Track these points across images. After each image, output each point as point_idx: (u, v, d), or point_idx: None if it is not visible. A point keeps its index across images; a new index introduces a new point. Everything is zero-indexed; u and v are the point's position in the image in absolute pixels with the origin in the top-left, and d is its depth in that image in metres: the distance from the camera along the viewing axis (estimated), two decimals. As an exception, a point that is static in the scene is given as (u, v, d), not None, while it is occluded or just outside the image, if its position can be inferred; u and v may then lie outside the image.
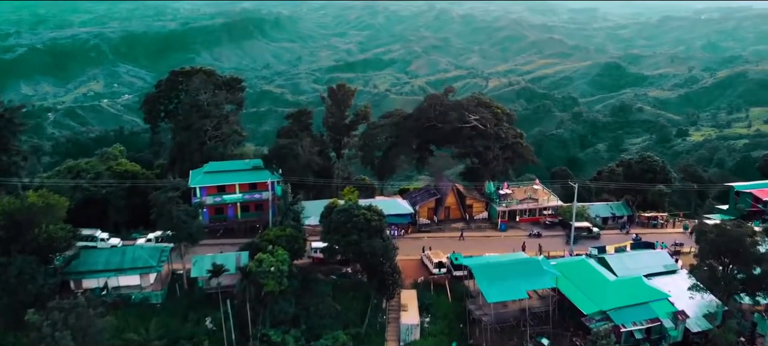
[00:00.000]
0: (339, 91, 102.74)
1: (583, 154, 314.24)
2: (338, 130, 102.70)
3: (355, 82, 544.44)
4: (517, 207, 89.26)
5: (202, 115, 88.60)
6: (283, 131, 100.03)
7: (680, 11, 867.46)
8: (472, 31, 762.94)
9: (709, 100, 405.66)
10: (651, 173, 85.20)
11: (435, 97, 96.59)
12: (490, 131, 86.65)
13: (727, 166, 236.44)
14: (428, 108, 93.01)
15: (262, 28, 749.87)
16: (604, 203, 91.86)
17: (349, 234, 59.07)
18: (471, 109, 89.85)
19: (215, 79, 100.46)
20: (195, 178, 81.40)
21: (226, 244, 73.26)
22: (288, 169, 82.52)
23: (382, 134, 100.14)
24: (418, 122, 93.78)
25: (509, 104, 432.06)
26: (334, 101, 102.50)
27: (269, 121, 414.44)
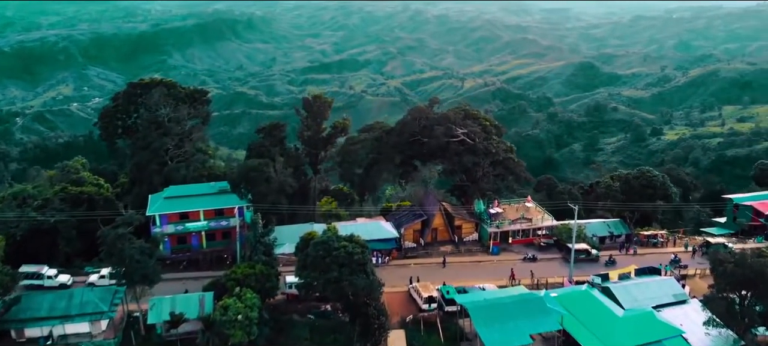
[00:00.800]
0: (315, 102, 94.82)
1: (559, 154, 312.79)
2: (315, 143, 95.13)
3: (330, 84, 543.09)
4: (510, 228, 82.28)
5: (162, 133, 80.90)
6: (254, 147, 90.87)
7: (652, 11, 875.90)
8: (447, 32, 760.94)
9: (682, 99, 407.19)
10: (651, 189, 77.90)
11: (419, 110, 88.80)
12: (479, 146, 79.38)
13: (702, 165, 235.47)
14: (412, 121, 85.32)
15: (235, 28, 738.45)
16: (601, 221, 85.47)
17: (328, 270, 51.46)
18: (458, 121, 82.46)
19: (177, 91, 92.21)
20: (154, 204, 73.19)
21: (190, 278, 65.40)
22: (258, 194, 73.92)
23: (363, 150, 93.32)
24: (401, 137, 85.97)
25: (485, 105, 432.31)
26: (310, 113, 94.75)
27: (243, 124, 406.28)
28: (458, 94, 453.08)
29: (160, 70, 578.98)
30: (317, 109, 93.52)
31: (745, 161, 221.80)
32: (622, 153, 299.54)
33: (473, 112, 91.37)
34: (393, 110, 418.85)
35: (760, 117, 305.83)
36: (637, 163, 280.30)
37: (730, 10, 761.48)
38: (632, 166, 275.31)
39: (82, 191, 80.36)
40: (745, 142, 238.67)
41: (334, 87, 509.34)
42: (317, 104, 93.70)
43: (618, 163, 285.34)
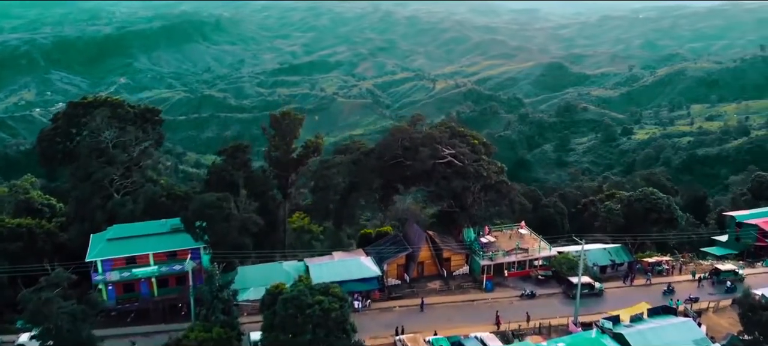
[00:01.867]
0: (283, 119, 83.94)
1: (531, 155, 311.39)
2: (284, 166, 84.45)
3: (300, 85, 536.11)
4: (504, 260, 73.72)
5: (105, 162, 71.18)
6: (216, 172, 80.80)
7: (618, 11, 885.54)
8: (417, 33, 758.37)
9: (651, 98, 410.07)
10: (655, 213, 69.87)
11: (401, 130, 78.76)
12: (469, 168, 71.45)
13: (673, 164, 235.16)
14: (393, 143, 75.62)
15: (203, 30, 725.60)
16: (601, 248, 76.74)
17: (301, 333, 44.07)
18: (444, 141, 74.55)
19: (124, 112, 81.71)
20: (95, 247, 62.93)
21: (138, 333, 56.88)
22: (217, 235, 62.30)
23: (339, 175, 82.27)
24: (381, 160, 76.54)
25: (456, 106, 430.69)
26: (278, 132, 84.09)
27: (211, 127, 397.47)
28: (430, 96, 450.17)
29: (126, 74, 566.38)
30: (286, 127, 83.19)
31: (716, 160, 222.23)
32: (593, 153, 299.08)
33: (460, 129, 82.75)
34: (365, 112, 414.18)
35: (728, 115, 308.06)
36: (609, 163, 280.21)
37: (695, 9, 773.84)
38: (604, 166, 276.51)
39: (20, 223, 70.04)
40: (715, 141, 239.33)
41: (305, 89, 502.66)
42: (286, 122, 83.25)
43: (589, 163, 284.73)
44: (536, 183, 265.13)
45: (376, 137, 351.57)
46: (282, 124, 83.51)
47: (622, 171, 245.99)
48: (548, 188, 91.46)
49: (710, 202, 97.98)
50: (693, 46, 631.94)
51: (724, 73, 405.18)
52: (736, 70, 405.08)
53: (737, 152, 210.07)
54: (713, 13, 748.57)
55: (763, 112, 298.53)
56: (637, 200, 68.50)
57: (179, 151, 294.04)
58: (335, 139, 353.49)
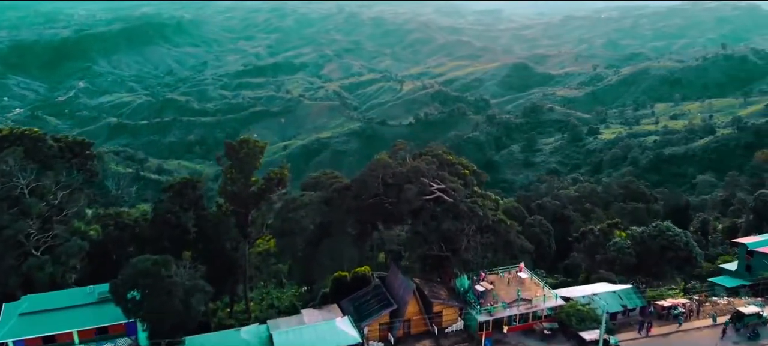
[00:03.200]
0: (241, 148, 70.26)
1: (499, 156, 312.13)
2: (243, 202, 71.12)
3: (265, 87, 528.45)
4: (505, 313, 62.67)
5: (19, 212, 58.48)
6: (159, 215, 65.92)
7: (581, 10, 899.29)
8: (383, 34, 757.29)
9: (615, 97, 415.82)
10: (672, 251, 61.41)
11: (382, 165, 65.17)
12: (463, 206, 60.85)
13: (641, 164, 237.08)
14: (373, 179, 64.20)
15: (164, 32, 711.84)
16: (610, 291, 66.26)
17: None
18: (432, 172, 63.73)
19: (45, 148, 69.33)
20: (5, 325, 50.93)
21: None
22: (155, 308, 49.99)
23: (307, 217, 68.65)
24: (359, 199, 65.16)
25: (424, 107, 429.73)
26: (235, 162, 70.43)
27: (174, 132, 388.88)
28: (398, 98, 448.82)
29: (85, 78, 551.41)
30: (245, 157, 69.87)
31: (683, 159, 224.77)
32: (560, 153, 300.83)
33: (448, 156, 70.89)
34: (332, 114, 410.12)
35: (692, 114, 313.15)
36: (576, 163, 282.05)
37: (655, 9, 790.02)
38: (571, 167, 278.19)
39: None
40: (682, 140, 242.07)
41: (270, 91, 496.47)
42: (244, 151, 70.04)
43: (557, 163, 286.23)
44: (505, 183, 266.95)
45: (344, 139, 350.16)
46: (239, 154, 70.25)
47: (590, 171, 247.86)
48: (526, 197, 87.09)
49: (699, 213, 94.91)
50: (655, 45, 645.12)
51: (687, 71, 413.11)
52: (698, 68, 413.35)
53: (703, 151, 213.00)
54: (673, 13, 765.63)
55: (725, 110, 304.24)
56: (652, 237, 60.80)
57: (141, 157, 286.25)
58: (303, 142, 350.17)
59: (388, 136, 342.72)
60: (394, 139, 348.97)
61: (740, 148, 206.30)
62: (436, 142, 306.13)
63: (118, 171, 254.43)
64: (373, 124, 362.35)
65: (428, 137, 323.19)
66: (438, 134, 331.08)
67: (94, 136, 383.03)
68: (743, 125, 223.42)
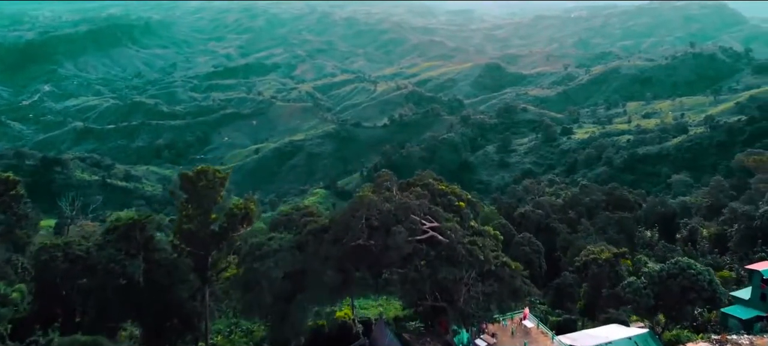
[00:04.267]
0: (198, 179, 57.31)
1: (474, 157, 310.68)
2: (201, 242, 59.02)
3: (236, 89, 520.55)
4: None
5: None
6: (101, 264, 52.79)
7: (551, 10, 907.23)
8: (355, 34, 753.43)
9: (587, 96, 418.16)
10: (694, 292, 53.70)
11: (366, 204, 52.91)
12: (460, 249, 50.90)
13: (615, 164, 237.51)
14: (356, 221, 52.11)
15: (132, 34, 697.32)
16: (625, 338, 55.14)
17: None
18: (424, 209, 54.06)
19: None
20: None
21: None
22: None
23: (277, 266, 54.16)
24: (339, 246, 52.91)
25: (399, 109, 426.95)
26: (192, 196, 58.15)
27: (142, 136, 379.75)
28: (371, 99, 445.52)
29: (51, 81, 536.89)
30: (203, 190, 57.44)
31: (657, 159, 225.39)
32: (534, 154, 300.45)
33: (440, 186, 61.40)
34: (306, 116, 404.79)
35: (663, 112, 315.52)
36: (551, 163, 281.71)
37: (624, 8, 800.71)
38: (546, 167, 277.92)
39: None
40: (655, 140, 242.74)
41: (241, 93, 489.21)
42: (202, 183, 57.46)
43: (531, 164, 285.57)
44: (481, 185, 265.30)
45: (318, 142, 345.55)
46: (197, 187, 57.65)
47: (565, 171, 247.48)
48: (507, 205, 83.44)
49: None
50: (624, 44, 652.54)
51: (657, 70, 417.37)
52: (668, 67, 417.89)
53: (677, 150, 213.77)
54: (642, 12, 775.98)
55: (696, 109, 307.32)
56: (672, 276, 52.45)
57: (108, 163, 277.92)
58: (276, 145, 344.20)
59: (363, 138, 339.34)
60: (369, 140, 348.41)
61: (713, 147, 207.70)
62: (412, 143, 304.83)
63: (84, 179, 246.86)
64: (348, 126, 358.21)
65: (403, 139, 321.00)
66: (413, 136, 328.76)
67: (59, 141, 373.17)
68: (715, 124, 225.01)
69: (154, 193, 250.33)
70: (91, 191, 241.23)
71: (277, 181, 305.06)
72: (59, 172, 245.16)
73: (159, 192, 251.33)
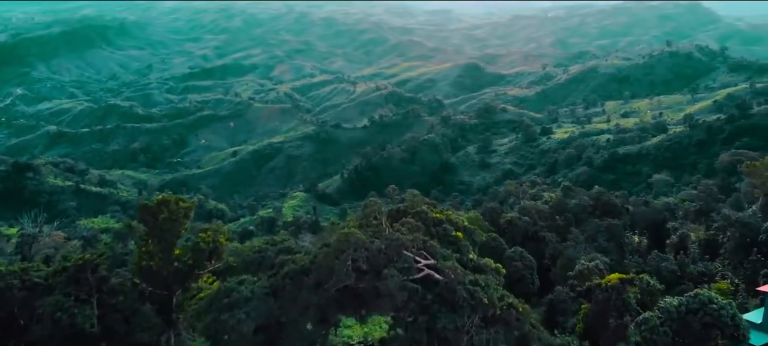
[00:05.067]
0: (159, 211, 49.86)
1: (455, 158, 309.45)
2: (164, 282, 51.60)
3: (213, 90, 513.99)
4: None
5: None
6: (47, 314, 45.22)
7: (529, 10, 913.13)
8: (334, 34, 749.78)
9: (565, 96, 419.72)
10: (717, 329, 46.85)
11: (352, 244, 45.26)
12: (461, 292, 44.17)
13: (595, 164, 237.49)
14: (341, 263, 44.70)
15: (106, 35, 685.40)
16: None
17: None
18: (418, 244, 47.33)
19: None
20: None
21: None
22: None
23: (249, 318, 46.62)
24: (321, 291, 45.93)
25: (379, 109, 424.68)
26: (153, 230, 50.70)
27: (117, 140, 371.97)
28: (351, 100, 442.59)
29: (23, 84, 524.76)
30: (165, 223, 50.41)
31: (637, 158, 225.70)
32: (515, 154, 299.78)
33: (434, 213, 53.61)
34: (285, 118, 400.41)
35: (642, 111, 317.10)
36: (531, 163, 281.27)
37: (600, 7, 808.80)
38: (526, 167, 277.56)
39: None
40: (635, 139, 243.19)
41: (218, 94, 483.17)
42: (164, 215, 50.08)
43: (512, 164, 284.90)
44: (462, 186, 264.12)
45: (297, 144, 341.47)
46: (157, 219, 50.18)
47: (545, 171, 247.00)
48: (492, 210, 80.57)
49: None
50: (601, 43, 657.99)
51: (634, 69, 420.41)
52: (645, 66, 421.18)
53: (657, 150, 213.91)
54: (618, 11, 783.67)
55: (675, 107, 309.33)
56: (692, 312, 46.90)
57: (82, 168, 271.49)
58: (254, 147, 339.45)
59: (343, 140, 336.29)
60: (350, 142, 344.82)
61: (693, 146, 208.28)
62: (392, 144, 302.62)
63: (57, 184, 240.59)
64: (328, 127, 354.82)
65: (384, 140, 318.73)
66: (393, 136, 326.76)
67: (32, 145, 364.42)
68: (695, 123, 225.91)
69: (130, 198, 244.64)
70: (64, 197, 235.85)
71: (256, 184, 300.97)
72: (31, 178, 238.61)
73: (134, 197, 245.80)
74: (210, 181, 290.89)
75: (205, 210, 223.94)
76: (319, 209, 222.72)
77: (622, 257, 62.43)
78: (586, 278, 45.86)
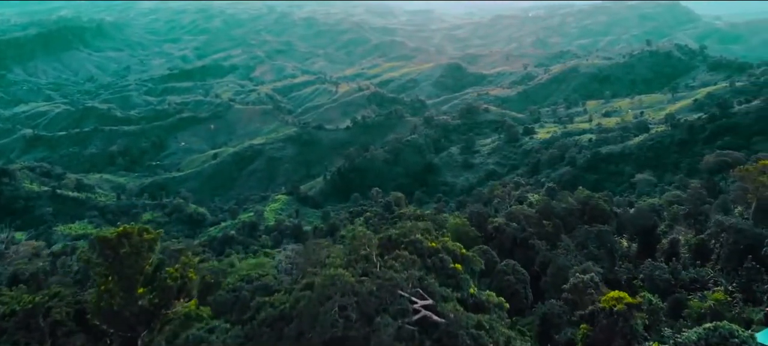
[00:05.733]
0: (120, 245, 43.83)
1: (438, 158, 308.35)
2: (126, 323, 45.71)
3: (193, 92, 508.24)
4: None
5: None
6: None
7: (509, 10, 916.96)
8: (315, 35, 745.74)
9: (547, 96, 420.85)
10: None
11: (340, 289, 39.09)
12: (464, 339, 37.97)
13: (578, 164, 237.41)
14: (325, 310, 38.23)
15: (83, 37, 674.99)
16: None
17: None
18: (413, 281, 41.83)
19: None
20: None
21: None
22: None
23: None
24: (303, 339, 39.36)
25: (361, 110, 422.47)
26: (113, 266, 44.29)
27: (95, 143, 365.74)
28: (333, 100, 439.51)
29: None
30: (127, 259, 44.02)
31: (619, 158, 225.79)
32: (497, 154, 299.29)
33: (430, 243, 47.83)
34: (266, 119, 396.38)
35: (623, 111, 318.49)
36: (514, 163, 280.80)
37: (580, 7, 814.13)
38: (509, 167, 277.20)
39: None
40: (617, 139, 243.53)
41: (198, 96, 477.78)
42: (126, 250, 43.87)
43: (495, 165, 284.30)
44: (446, 187, 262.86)
45: (279, 146, 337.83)
46: (119, 254, 43.98)
47: (528, 171, 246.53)
48: (478, 215, 78.37)
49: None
50: (581, 43, 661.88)
51: (615, 68, 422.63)
52: (625, 65, 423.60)
53: (639, 149, 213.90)
54: (598, 10, 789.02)
55: (655, 106, 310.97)
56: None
57: (59, 173, 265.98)
58: (235, 149, 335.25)
59: (326, 141, 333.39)
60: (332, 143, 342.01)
61: (675, 145, 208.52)
62: (376, 145, 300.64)
63: (33, 190, 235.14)
64: (310, 128, 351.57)
65: (367, 141, 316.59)
66: (376, 138, 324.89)
67: (8, 150, 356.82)
68: (677, 122, 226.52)
69: (108, 202, 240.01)
70: (40, 203, 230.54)
71: (237, 187, 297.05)
72: (7, 183, 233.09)
73: (113, 202, 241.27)
74: (190, 184, 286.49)
75: (186, 214, 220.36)
76: (302, 212, 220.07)
77: (612, 264, 61.00)
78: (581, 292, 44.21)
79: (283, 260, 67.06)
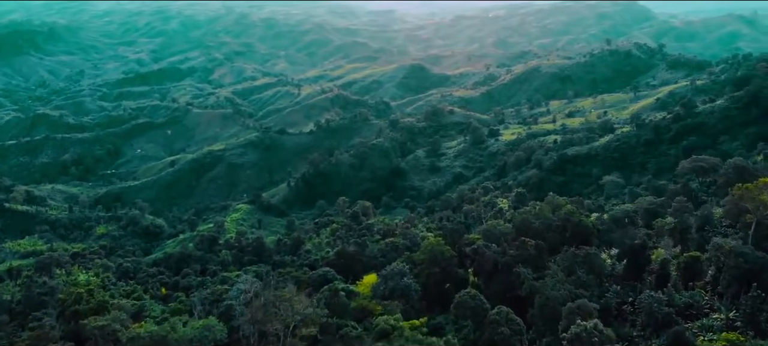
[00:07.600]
0: None
1: (405, 162, 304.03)
2: None
3: (150, 97, 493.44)
4: None
5: None
6: None
7: (470, 10, 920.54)
8: (275, 36, 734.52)
9: (509, 96, 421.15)
10: None
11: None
12: None
13: (545, 166, 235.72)
14: None
15: (35, 41, 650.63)
16: None
17: None
18: None
19: None
20: None
21: None
22: None
23: None
24: None
25: (325, 113, 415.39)
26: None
27: (47, 152, 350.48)
28: (296, 103, 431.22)
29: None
30: None
31: (586, 160, 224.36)
32: (464, 157, 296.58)
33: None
34: (226, 123, 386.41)
35: (586, 110, 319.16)
36: (480, 166, 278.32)
37: (540, 7, 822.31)
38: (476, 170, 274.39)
39: None
40: (582, 140, 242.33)
41: (154, 100, 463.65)
42: None
43: (461, 167, 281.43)
44: (413, 191, 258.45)
45: (240, 151, 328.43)
46: None
47: (495, 174, 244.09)
48: (453, 232, 73.52)
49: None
50: (542, 43, 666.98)
51: (576, 68, 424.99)
52: (586, 64, 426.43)
53: (606, 150, 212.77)
54: (557, 10, 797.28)
55: (618, 106, 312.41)
56: None
57: (7, 184, 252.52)
58: (194, 156, 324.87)
59: (289, 146, 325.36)
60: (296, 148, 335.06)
61: (641, 145, 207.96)
62: (341, 149, 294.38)
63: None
64: (272, 133, 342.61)
65: (331, 145, 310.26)
66: (341, 141, 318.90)
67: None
68: (642, 122, 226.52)
69: (60, 216, 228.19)
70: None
71: (196, 195, 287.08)
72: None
73: (65, 215, 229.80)
74: (146, 193, 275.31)
75: (141, 227, 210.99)
76: (265, 221, 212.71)
77: (603, 290, 56.74)
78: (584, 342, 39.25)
79: (241, 296, 61.67)
